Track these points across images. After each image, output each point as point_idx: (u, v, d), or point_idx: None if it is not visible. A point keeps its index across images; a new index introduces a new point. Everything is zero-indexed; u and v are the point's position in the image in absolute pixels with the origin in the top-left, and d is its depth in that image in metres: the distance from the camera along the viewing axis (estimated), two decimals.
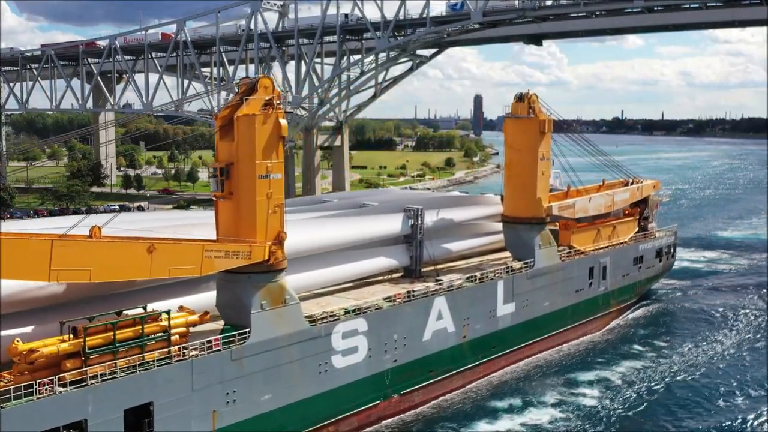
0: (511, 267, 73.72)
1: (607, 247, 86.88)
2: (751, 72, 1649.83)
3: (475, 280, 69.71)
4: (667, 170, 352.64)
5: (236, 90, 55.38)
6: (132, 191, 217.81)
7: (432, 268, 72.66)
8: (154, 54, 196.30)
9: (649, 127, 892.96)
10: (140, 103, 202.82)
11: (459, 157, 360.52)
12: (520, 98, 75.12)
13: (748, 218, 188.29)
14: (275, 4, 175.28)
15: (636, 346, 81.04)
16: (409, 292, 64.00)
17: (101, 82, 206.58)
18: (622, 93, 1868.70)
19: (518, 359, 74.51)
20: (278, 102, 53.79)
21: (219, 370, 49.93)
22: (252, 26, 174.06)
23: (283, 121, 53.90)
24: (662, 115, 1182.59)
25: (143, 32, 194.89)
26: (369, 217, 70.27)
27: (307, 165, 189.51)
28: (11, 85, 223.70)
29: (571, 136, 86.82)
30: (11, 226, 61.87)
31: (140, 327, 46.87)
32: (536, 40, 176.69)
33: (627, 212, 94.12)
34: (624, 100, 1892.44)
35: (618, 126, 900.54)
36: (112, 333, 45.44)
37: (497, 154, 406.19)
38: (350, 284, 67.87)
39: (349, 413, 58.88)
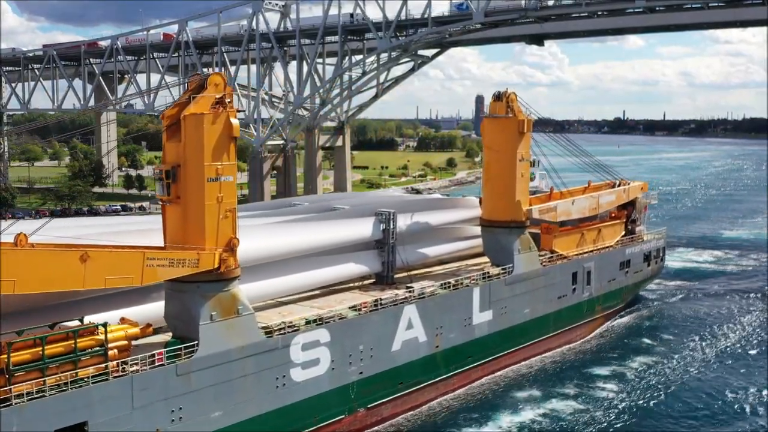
0: (488, 273, 69.23)
1: (591, 251, 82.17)
2: (752, 72, 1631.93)
3: (449, 286, 65.29)
4: (670, 170, 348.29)
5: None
6: (134, 191, 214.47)
7: (405, 274, 68.29)
8: (155, 54, 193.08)
9: (650, 128, 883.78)
10: (142, 104, 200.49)
11: (461, 157, 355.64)
12: (497, 97, 70.56)
13: (751, 217, 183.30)
14: (277, 5, 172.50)
15: (622, 354, 76.46)
16: (376, 300, 59.70)
17: (103, 83, 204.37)
18: (623, 93, 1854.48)
19: (496, 369, 70.01)
20: (229, 100, 49.69)
21: (163, 386, 45.84)
22: (254, 26, 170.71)
23: (235, 121, 49.82)
24: (664, 115, 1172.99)
25: (145, 32, 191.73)
26: (338, 221, 65.93)
27: (309, 165, 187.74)
28: (13, 85, 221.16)
29: (553, 136, 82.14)
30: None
31: (73, 341, 42.85)
32: (538, 40, 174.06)
33: (613, 215, 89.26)
34: (625, 101, 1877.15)
35: (620, 126, 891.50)
36: (40, 348, 41.43)
37: None
38: (318, 292, 63.61)
39: (310, 429, 54.66)
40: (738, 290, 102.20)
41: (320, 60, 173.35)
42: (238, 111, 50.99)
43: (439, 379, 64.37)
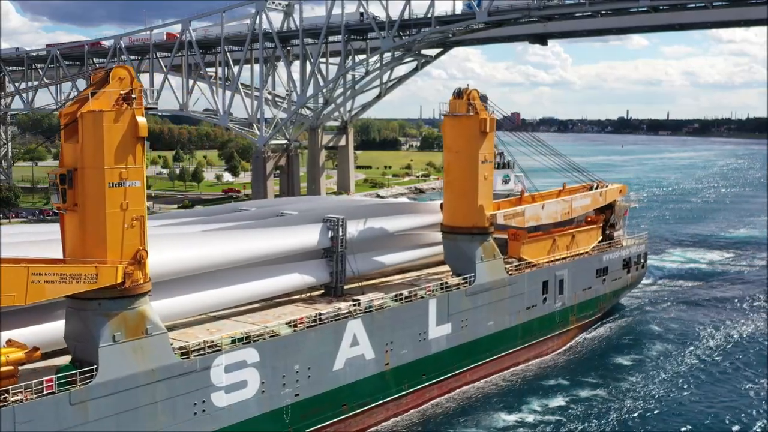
0: (446, 283, 62.16)
1: (564, 258, 74.68)
2: (755, 72, 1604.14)
3: (402, 299, 58.32)
4: (674, 169, 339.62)
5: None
6: None
7: (357, 285, 61.46)
8: (159, 54, 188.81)
9: (654, 127, 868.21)
10: (145, 103, 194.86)
11: None
12: (458, 94, 63.33)
13: (757, 216, 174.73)
14: (280, 4, 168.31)
15: (598, 366, 69.28)
16: (316, 314, 52.91)
17: None
18: (626, 93, 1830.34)
19: (455, 387, 62.89)
20: (135, 96, 43.10)
21: (54, 417, 39.42)
22: (257, 26, 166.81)
23: (142, 120, 43.29)
24: (667, 115, 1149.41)
25: (148, 32, 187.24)
26: (282, 228, 59.06)
27: (312, 165, 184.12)
28: (17, 85, 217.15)
29: (522, 136, 75.06)
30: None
31: None
32: (541, 39, 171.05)
33: (590, 219, 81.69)
34: (628, 101, 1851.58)
35: (623, 126, 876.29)
36: None
37: (502, 153, 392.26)
38: (258, 305, 56.88)
39: None
40: (734, 296, 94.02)
41: (323, 59, 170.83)
42: (147, 109, 44.45)
43: (389, 399, 57.46)
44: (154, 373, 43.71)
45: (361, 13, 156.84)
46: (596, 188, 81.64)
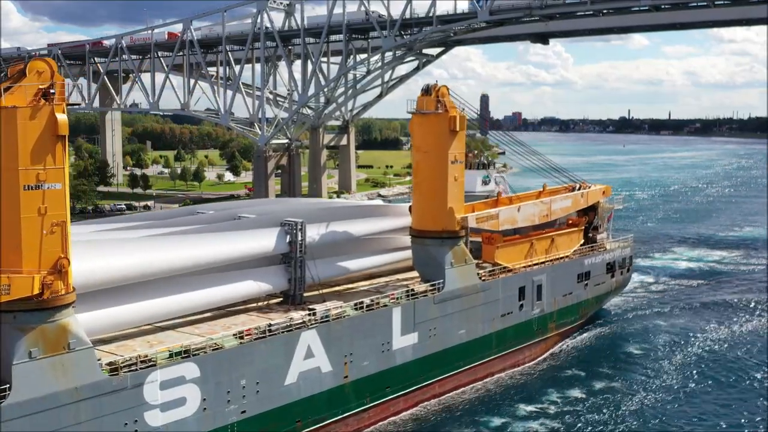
0: (412, 290, 57.41)
1: (543, 262, 69.72)
2: (756, 72, 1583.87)
3: (362, 307, 53.64)
4: (677, 169, 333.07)
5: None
6: (138, 190, 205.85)
7: (317, 292, 56.79)
8: (160, 53, 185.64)
9: (656, 127, 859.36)
10: (146, 103, 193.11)
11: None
12: (426, 91, 58.46)
13: (761, 215, 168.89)
14: (282, 3, 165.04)
15: (579, 374, 64.52)
16: (266, 325, 48.35)
17: (108, 82, 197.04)
18: (628, 93, 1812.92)
19: (423, 399, 58.17)
20: (54, 91, 38.61)
21: None
22: (258, 25, 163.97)
23: (62, 117, 38.77)
24: (669, 114, 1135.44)
25: (149, 32, 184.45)
26: (237, 232, 54.40)
27: (313, 164, 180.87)
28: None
29: (500, 136, 70.26)
30: None
31: None
32: (543, 38, 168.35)
33: (572, 222, 76.59)
34: (629, 101, 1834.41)
35: (625, 126, 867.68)
36: None
37: (503, 153, 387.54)
38: (209, 314, 52.33)
39: None
40: (731, 299, 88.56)
41: (324, 59, 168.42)
42: (70, 105, 39.87)
43: (348, 414, 52.85)
44: (78, 391, 39.32)
45: (366, 12, 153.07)
46: (579, 189, 76.51)
